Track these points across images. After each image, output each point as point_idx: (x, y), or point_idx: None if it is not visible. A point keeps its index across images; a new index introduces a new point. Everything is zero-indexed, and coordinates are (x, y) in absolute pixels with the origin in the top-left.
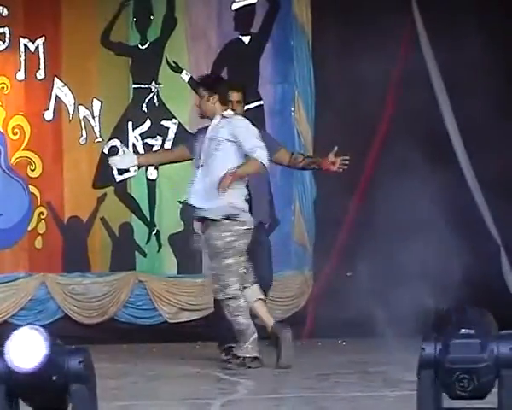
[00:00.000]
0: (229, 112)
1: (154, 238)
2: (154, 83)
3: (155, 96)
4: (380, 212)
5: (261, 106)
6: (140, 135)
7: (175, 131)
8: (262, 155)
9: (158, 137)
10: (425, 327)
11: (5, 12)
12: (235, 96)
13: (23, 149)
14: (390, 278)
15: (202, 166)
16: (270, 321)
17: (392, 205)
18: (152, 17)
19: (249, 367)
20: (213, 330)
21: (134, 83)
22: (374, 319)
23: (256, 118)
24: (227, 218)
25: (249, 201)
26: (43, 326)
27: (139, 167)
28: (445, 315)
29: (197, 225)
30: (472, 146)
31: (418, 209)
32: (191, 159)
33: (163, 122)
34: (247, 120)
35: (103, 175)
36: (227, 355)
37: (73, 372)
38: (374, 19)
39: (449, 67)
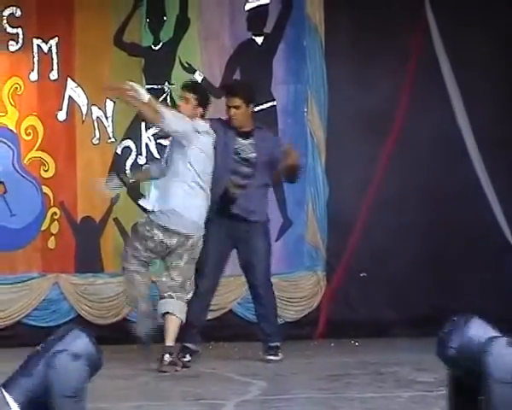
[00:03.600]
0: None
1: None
2: (167, 83)
3: (168, 97)
4: (392, 212)
5: (274, 106)
6: (153, 136)
7: None
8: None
9: (171, 137)
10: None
11: (18, 13)
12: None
13: (36, 150)
14: (400, 278)
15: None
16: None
17: (404, 205)
18: (165, 18)
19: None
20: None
21: (147, 83)
22: (387, 319)
23: (269, 118)
24: None
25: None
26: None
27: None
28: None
29: None
30: (485, 146)
31: (431, 209)
32: None
33: None
34: None
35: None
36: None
37: None
38: (387, 19)
39: (462, 66)
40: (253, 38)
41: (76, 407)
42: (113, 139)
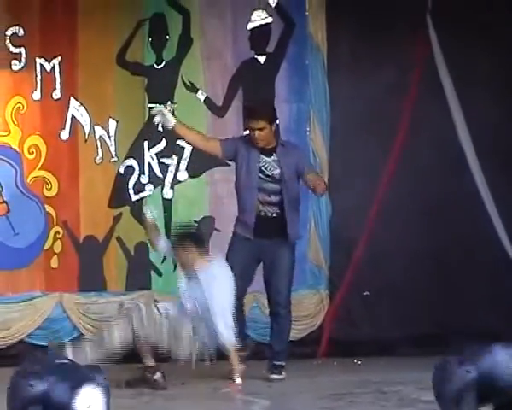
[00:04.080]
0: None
1: (169, 258)
2: (169, 102)
3: None
4: (395, 230)
5: (277, 125)
6: (156, 154)
7: (190, 150)
8: None
9: (174, 156)
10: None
11: (21, 32)
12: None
13: (39, 169)
14: (403, 296)
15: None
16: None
17: (407, 223)
18: (168, 37)
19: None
20: None
21: (150, 102)
22: (390, 338)
23: None
24: None
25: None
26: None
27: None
28: None
29: None
30: (485, 158)
31: (434, 227)
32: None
33: (179, 141)
34: None
35: (119, 195)
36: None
37: None
38: (389, 36)
39: (463, 79)
40: (256, 57)
41: None
42: (115, 158)
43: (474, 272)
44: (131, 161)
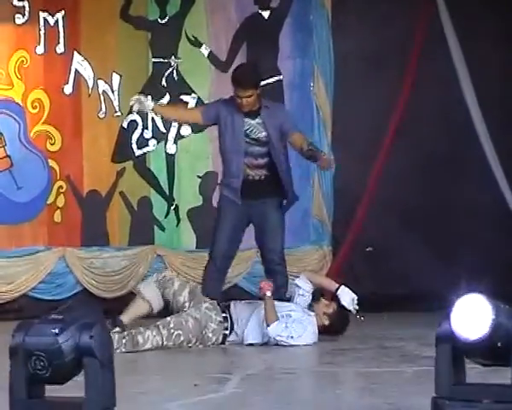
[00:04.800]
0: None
1: (172, 213)
2: (173, 57)
3: (175, 71)
4: (398, 186)
5: (280, 81)
6: None
7: (194, 105)
8: None
9: None
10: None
11: None
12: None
13: (42, 123)
14: (405, 253)
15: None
16: None
17: (411, 179)
18: None
19: None
20: None
21: (153, 57)
22: (392, 294)
23: (275, 93)
24: None
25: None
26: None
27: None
28: None
29: None
30: (490, 116)
31: (437, 184)
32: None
33: (182, 96)
34: None
35: (122, 149)
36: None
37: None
38: None
39: (469, 39)
40: (260, 11)
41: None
42: (119, 113)
43: (477, 230)
44: (135, 116)
